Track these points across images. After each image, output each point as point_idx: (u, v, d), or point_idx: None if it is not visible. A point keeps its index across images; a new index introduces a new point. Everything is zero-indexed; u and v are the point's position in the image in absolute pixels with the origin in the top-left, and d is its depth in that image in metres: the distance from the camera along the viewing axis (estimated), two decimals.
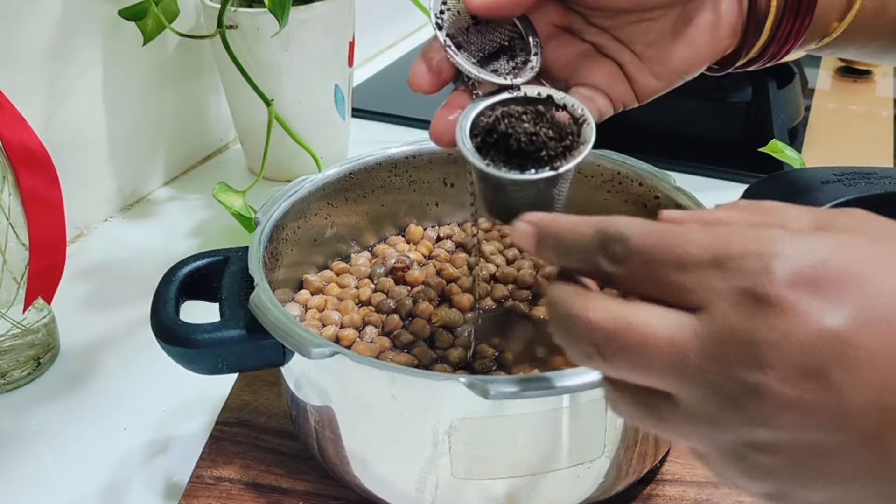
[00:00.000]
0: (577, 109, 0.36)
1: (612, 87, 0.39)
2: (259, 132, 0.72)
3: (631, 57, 0.39)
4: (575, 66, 0.40)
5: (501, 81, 0.37)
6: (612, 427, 0.37)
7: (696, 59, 0.39)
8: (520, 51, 0.38)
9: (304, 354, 0.36)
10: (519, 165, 0.34)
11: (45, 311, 0.53)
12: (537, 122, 0.35)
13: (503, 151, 0.34)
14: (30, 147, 0.48)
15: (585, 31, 0.39)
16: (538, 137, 0.34)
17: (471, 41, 0.37)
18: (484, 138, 0.35)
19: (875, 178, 0.47)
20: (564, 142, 0.35)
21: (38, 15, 0.61)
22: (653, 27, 0.38)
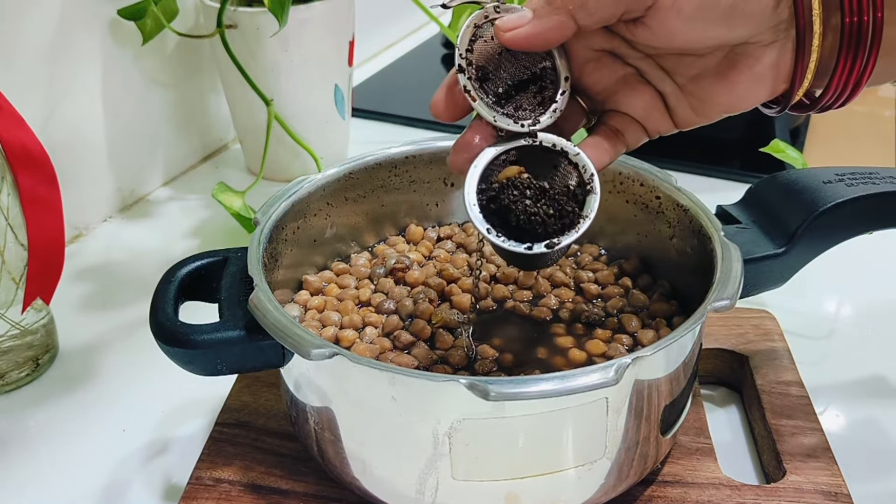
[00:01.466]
0: (586, 172, 0.37)
1: (648, 117, 0.39)
2: (258, 132, 0.72)
3: (672, 88, 0.38)
4: (614, 90, 0.39)
5: (518, 130, 0.37)
6: (613, 428, 0.37)
7: (738, 102, 0.37)
8: (550, 83, 0.38)
9: (303, 355, 0.36)
10: (518, 238, 0.36)
11: (43, 312, 0.53)
12: (539, 198, 0.36)
13: (504, 222, 0.36)
14: (28, 147, 0.48)
15: (628, 56, 0.38)
16: (537, 217, 0.35)
17: (502, 66, 0.37)
18: (488, 203, 0.36)
19: (877, 178, 0.47)
20: (564, 219, 0.36)
21: (38, 15, 0.61)
22: (697, 62, 0.37)
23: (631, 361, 0.34)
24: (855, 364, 0.54)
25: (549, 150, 0.37)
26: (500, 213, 0.36)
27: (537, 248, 0.36)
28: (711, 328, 0.52)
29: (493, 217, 0.36)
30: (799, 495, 0.42)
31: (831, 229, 0.46)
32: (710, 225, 0.43)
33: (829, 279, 0.60)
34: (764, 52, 0.36)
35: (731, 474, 0.43)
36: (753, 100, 0.37)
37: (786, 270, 0.46)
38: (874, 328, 0.57)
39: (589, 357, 0.43)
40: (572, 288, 0.48)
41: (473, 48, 0.37)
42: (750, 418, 0.49)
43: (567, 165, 0.37)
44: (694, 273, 0.44)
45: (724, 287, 0.39)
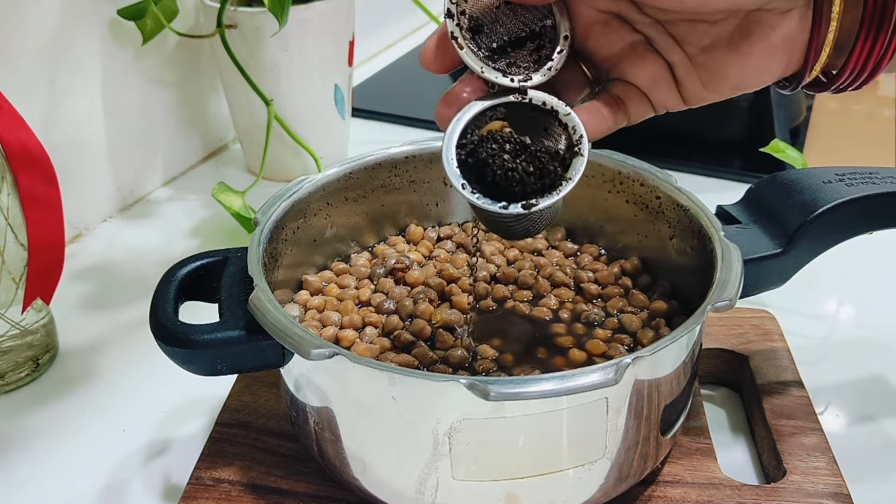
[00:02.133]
0: (575, 134, 0.35)
1: (654, 88, 0.37)
2: (258, 132, 0.72)
3: (682, 58, 0.36)
4: (619, 58, 0.37)
5: (507, 84, 0.35)
6: (613, 428, 0.37)
7: (750, 76, 0.35)
8: (548, 42, 0.36)
9: (303, 355, 0.36)
10: (494, 196, 0.34)
11: (43, 312, 0.53)
12: (519, 153, 0.34)
13: (481, 178, 0.34)
14: (28, 147, 0.48)
15: (637, 21, 0.36)
16: (515, 173, 0.34)
17: (499, 21, 0.35)
18: (466, 158, 0.34)
19: (878, 178, 0.47)
20: (545, 179, 0.34)
21: (37, 14, 0.61)
22: (710, 31, 0.35)
23: (631, 361, 0.34)
24: (855, 364, 0.54)
25: (540, 109, 0.35)
26: (477, 167, 0.34)
27: (513, 209, 0.34)
28: (711, 328, 0.52)
29: (470, 173, 0.34)
30: (799, 495, 0.42)
31: (831, 229, 0.46)
32: (710, 225, 0.43)
33: (829, 279, 0.60)
34: (780, 21, 0.33)
35: (732, 474, 0.43)
36: (766, 75, 0.35)
37: (786, 270, 0.46)
38: (874, 328, 0.57)
39: (589, 357, 0.43)
40: (572, 288, 0.48)
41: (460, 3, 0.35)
42: (750, 418, 0.49)
43: (557, 127, 0.35)
44: (694, 273, 0.44)
45: (724, 287, 0.39)
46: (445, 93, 0.36)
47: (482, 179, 0.34)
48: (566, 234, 0.53)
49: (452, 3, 0.35)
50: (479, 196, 0.34)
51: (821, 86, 0.36)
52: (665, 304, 0.46)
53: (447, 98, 0.36)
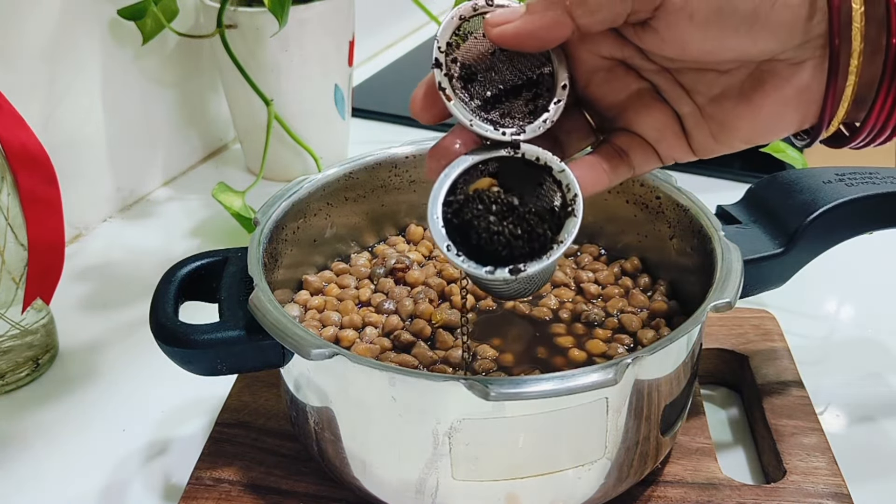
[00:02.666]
0: (570, 192, 0.33)
1: (662, 140, 0.34)
2: (258, 132, 0.72)
3: (691, 108, 0.34)
4: (625, 106, 0.35)
5: (498, 138, 0.33)
6: (613, 428, 0.37)
7: (762, 129, 0.33)
8: (546, 90, 0.34)
9: (303, 355, 0.36)
10: (481, 259, 0.32)
11: (43, 312, 0.53)
12: (507, 215, 0.32)
13: (466, 239, 0.32)
14: (28, 147, 0.48)
15: (643, 68, 0.34)
16: (501, 237, 0.32)
17: (494, 68, 0.33)
18: (451, 217, 0.33)
19: (877, 178, 0.47)
20: (533, 243, 0.32)
21: (38, 15, 0.61)
22: (720, 80, 0.32)
23: (631, 361, 0.34)
24: (855, 364, 0.54)
25: (533, 165, 0.33)
26: (462, 229, 0.32)
27: (500, 273, 0.32)
28: (711, 328, 0.52)
29: (455, 233, 0.32)
30: (799, 495, 0.42)
31: (831, 229, 0.46)
32: (710, 225, 0.43)
33: (829, 279, 0.60)
34: (795, 72, 0.31)
35: (732, 474, 0.43)
36: (780, 127, 0.33)
37: (786, 270, 0.46)
38: (874, 328, 0.57)
39: (589, 357, 0.43)
40: (572, 288, 0.48)
41: (461, 44, 0.33)
42: (750, 418, 0.49)
43: (552, 184, 0.33)
44: (694, 273, 0.44)
45: (724, 287, 0.39)
46: (434, 144, 0.34)
47: (468, 241, 0.32)
48: None
49: (441, 51, 0.33)
50: (465, 259, 0.32)
51: (842, 140, 0.34)
52: (665, 304, 0.46)
53: (436, 151, 0.34)
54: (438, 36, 0.33)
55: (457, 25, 0.33)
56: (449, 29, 0.33)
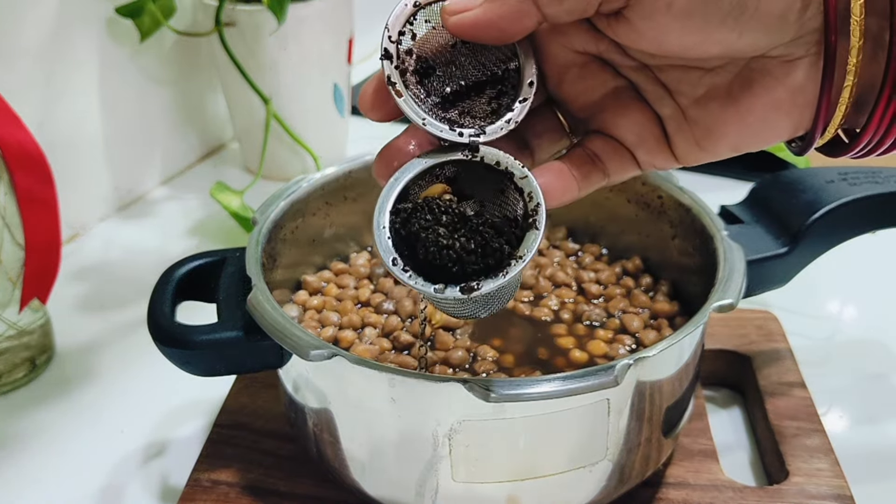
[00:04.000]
0: (532, 202, 0.29)
1: (640, 145, 0.31)
2: (257, 131, 0.72)
3: (673, 111, 0.30)
4: (600, 107, 0.32)
5: (454, 139, 0.30)
6: (615, 430, 0.37)
7: (751, 135, 0.30)
8: (511, 88, 0.30)
9: (301, 356, 0.35)
10: (431, 275, 0.29)
11: (40, 313, 0.52)
12: (458, 227, 0.29)
13: (414, 253, 0.29)
14: (25, 146, 0.48)
15: (621, 65, 0.31)
16: (451, 251, 0.28)
17: (455, 62, 0.30)
18: (399, 228, 0.29)
19: (881, 177, 0.46)
20: (488, 258, 0.29)
21: (35, 13, 0.60)
22: (705, 79, 0.29)
23: (633, 362, 0.34)
24: (858, 365, 0.53)
25: (493, 170, 0.30)
26: (409, 241, 0.29)
27: (450, 292, 0.28)
28: (714, 329, 0.52)
29: (403, 246, 0.29)
30: (802, 497, 0.41)
31: (834, 229, 0.45)
32: (712, 225, 0.43)
33: (832, 279, 0.60)
34: (787, 72, 0.28)
35: (734, 476, 0.43)
36: (772, 135, 0.29)
37: (789, 270, 0.45)
38: (877, 328, 0.57)
39: (590, 358, 0.43)
40: (573, 288, 0.48)
41: (417, 34, 0.30)
42: (752, 420, 0.49)
43: (514, 191, 0.30)
44: (696, 273, 0.44)
45: (726, 287, 0.39)
46: (385, 145, 0.31)
47: (416, 255, 0.29)
48: (567, 234, 0.53)
49: (392, 41, 0.29)
50: (412, 275, 0.29)
51: (841, 148, 0.30)
52: (667, 305, 0.46)
53: (386, 152, 0.31)
54: (389, 24, 0.30)
55: (411, 13, 0.30)
56: (402, 17, 0.30)
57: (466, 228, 0.29)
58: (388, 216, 0.30)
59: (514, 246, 0.29)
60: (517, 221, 0.30)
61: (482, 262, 0.29)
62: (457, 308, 0.32)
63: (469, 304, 0.31)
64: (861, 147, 0.29)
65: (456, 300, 0.29)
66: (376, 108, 0.30)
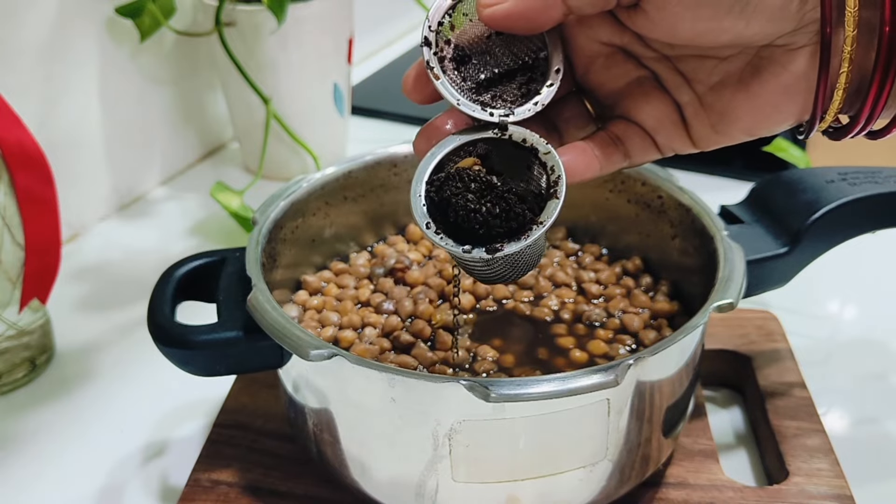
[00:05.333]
0: (553, 174, 0.32)
1: (660, 129, 0.34)
2: (257, 131, 0.72)
3: (691, 98, 0.33)
4: (624, 95, 0.34)
5: (485, 118, 0.33)
6: (615, 430, 0.37)
7: (761, 118, 0.32)
8: (541, 75, 0.34)
9: (301, 356, 0.35)
10: (460, 238, 0.32)
11: (40, 313, 0.52)
12: (485, 193, 0.32)
13: (445, 218, 0.32)
14: (25, 146, 0.47)
15: (643, 56, 0.34)
16: (478, 215, 0.31)
17: (490, 52, 0.33)
18: (433, 196, 0.32)
19: (881, 177, 0.46)
20: (511, 222, 0.32)
21: (35, 13, 0.60)
22: (719, 68, 0.32)
23: (633, 362, 0.34)
24: (858, 365, 0.53)
25: (520, 147, 0.33)
26: (441, 207, 0.32)
27: (476, 253, 0.31)
28: (714, 329, 0.52)
29: (436, 212, 0.32)
30: (802, 497, 0.41)
31: (834, 229, 0.45)
32: (712, 225, 0.43)
33: (832, 279, 0.60)
34: (792, 59, 0.31)
35: (734, 476, 0.43)
36: (780, 118, 0.32)
37: (789, 270, 0.45)
38: (878, 328, 0.57)
39: (590, 358, 0.43)
40: (574, 288, 0.48)
41: (455, 26, 0.33)
42: (752, 420, 0.49)
43: (538, 167, 0.33)
44: (696, 273, 0.44)
45: (726, 287, 0.38)
46: (425, 125, 0.34)
47: (447, 219, 0.32)
48: (567, 234, 0.53)
49: (432, 30, 0.33)
50: (443, 237, 0.32)
51: (842, 132, 0.33)
52: (667, 305, 0.46)
53: (426, 130, 0.34)
54: (430, 15, 0.33)
55: (450, 6, 0.33)
56: (441, 9, 0.33)
57: (493, 195, 0.32)
58: (424, 185, 0.33)
59: (536, 213, 0.32)
60: (540, 192, 0.32)
61: (506, 226, 0.32)
62: (484, 271, 0.34)
63: (495, 265, 0.34)
64: (858, 129, 0.32)
65: (482, 260, 0.32)
66: (417, 90, 0.34)
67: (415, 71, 0.33)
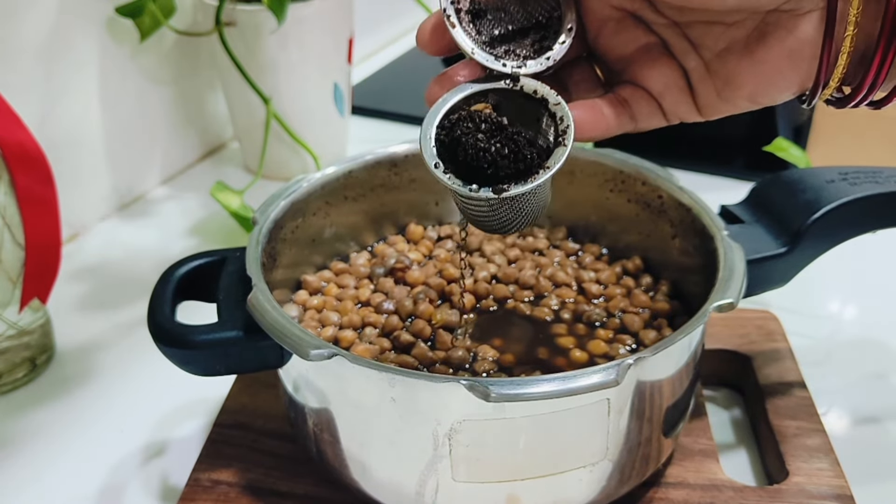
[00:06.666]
0: (563, 123, 0.33)
1: (666, 93, 0.35)
2: (257, 130, 0.72)
3: (697, 63, 0.34)
4: (632, 60, 0.35)
5: (499, 69, 0.34)
6: (615, 430, 0.37)
7: (765, 84, 0.33)
8: (553, 34, 0.35)
9: (302, 356, 0.35)
10: (466, 177, 0.33)
11: (40, 313, 0.52)
12: (495, 134, 0.33)
13: (454, 158, 0.33)
14: (25, 146, 0.47)
15: (653, 22, 0.35)
16: (487, 154, 0.32)
17: (505, 9, 0.34)
18: (444, 138, 0.33)
19: (881, 177, 0.46)
20: (519, 164, 0.32)
21: (35, 12, 0.60)
22: (726, 34, 0.33)
23: (633, 362, 0.34)
24: (858, 364, 0.53)
25: (531, 99, 0.34)
26: (451, 147, 0.33)
27: (483, 192, 0.32)
28: (714, 329, 0.52)
29: (446, 154, 0.33)
30: (802, 497, 0.41)
31: (835, 229, 0.45)
32: (712, 224, 0.43)
33: (832, 279, 0.60)
34: (798, 24, 0.31)
35: (734, 476, 0.43)
36: (783, 84, 0.33)
37: (789, 270, 0.45)
38: (878, 328, 0.57)
39: (591, 357, 0.43)
40: (574, 288, 0.48)
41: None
42: (752, 419, 0.49)
43: (548, 119, 0.34)
44: (697, 273, 0.44)
45: (727, 287, 0.38)
46: (440, 73, 0.35)
47: (455, 160, 0.33)
48: (568, 234, 0.53)
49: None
50: (451, 177, 0.33)
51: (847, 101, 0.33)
52: (667, 305, 0.46)
53: (440, 79, 0.35)
54: None
55: None
56: None
57: (502, 136, 0.33)
58: (435, 129, 0.33)
59: (544, 160, 0.33)
60: (548, 146, 0.33)
61: (514, 167, 0.32)
62: (488, 217, 0.35)
63: (499, 210, 0.34)
64: (860, 97, 0.32)
65: (486, 203, 0.33)
66: (433, 41, 0.34)
67: (431, 22, 0.34)
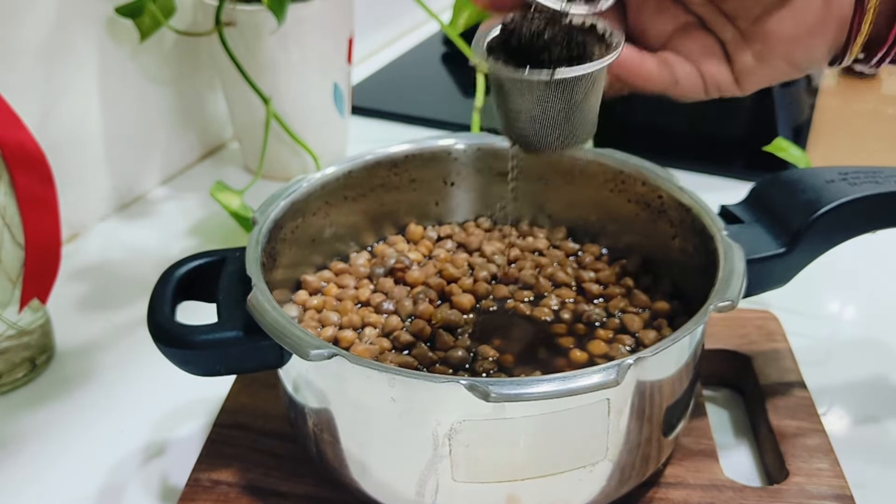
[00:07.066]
0: (613, 38, 0.35)
1: (704, 60, 0.37)
2: (257, 130, 0.72)
3: (733, 34, 0.37)
4: (671, 36, 0.38)
5: (552, 6, 0.35)
6: (615, 430, 0.37)
7: (804, 37, 0.35)
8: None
9: (301, 356, 0.35)
10: (519, 64, 0.33)
11: (40, 313, 0.52)
12: (551, 26, 0.34)
13: (510, 49, 0.34)
14: (25, 146, 0.47)
15: (691, 2, 0.37)
16: (541, 39, 0.33)
17: None
18: (499, 37, 0.34)
19: (881, 177, 0.46)
20: (574, 52, 0.33)
21: (34, 12, 0.60)
22: (759, 3, 0.35)
23: (633, 362, 0.34)
24: (858, 364, 0.53)
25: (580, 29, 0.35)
26: (505, 40, 0.34)
27: (536, 74, 0.33)
28: (714, 329, 0.52)
29: (499, 51, 0.34)
30: (802, 497, 0.41)
31: (835, 229, 0.45)
32: (712, 224, 0.43)
33: (832, 279, 0.60)
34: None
35: (734, 476, 0.43)
36: (818, 34, 0.35)
37: (789, 270, 0.45)
38: (877, 328, 0.57)
39: (590, 358, 0.43)
40: (574, 288, 0.48)
41: None
42: (752, 419, 0.49)
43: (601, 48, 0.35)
44: (696, 273, 0.44)
45: (726, 287, 0.38)
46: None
47: (509, 49, 0.34)
48: (567, 234, 0.53)
49: None
50: (504, 62, 0.34)
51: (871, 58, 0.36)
52: (667, 305, 0.46)
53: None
54: None
55: None
56: None
57: (558, 25, 0.34)
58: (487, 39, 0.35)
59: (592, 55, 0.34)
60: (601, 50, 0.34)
61: (566, 54, 0.33)
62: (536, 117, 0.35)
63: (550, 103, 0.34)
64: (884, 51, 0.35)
65: (539, 89, 0.34)
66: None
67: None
